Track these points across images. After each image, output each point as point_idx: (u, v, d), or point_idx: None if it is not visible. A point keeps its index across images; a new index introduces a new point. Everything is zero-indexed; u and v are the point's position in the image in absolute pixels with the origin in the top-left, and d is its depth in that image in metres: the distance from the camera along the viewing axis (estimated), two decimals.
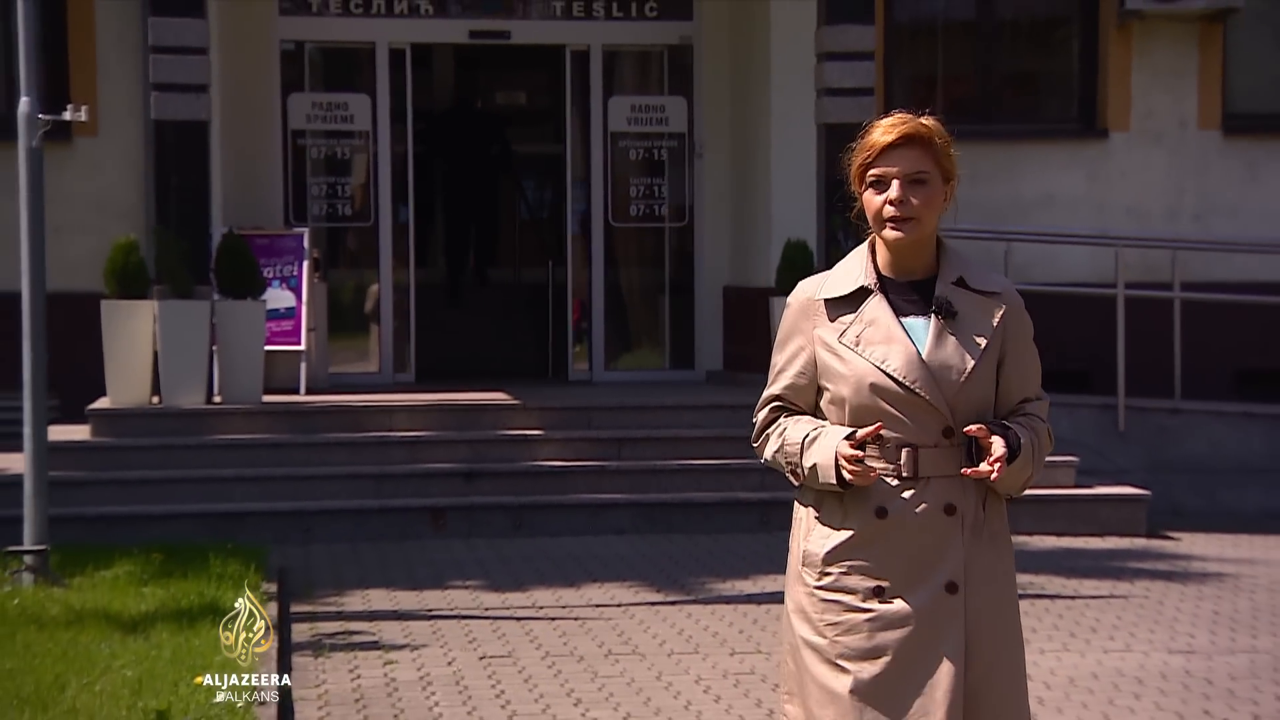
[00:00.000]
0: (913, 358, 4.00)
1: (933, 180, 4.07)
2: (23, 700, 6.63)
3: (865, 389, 4.01)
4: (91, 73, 13.12)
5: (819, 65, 13.00)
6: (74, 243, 12.49)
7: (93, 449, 11.53)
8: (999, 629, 4.07)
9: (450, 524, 11.26)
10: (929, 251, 4.15)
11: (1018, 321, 4.15)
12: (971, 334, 4.05)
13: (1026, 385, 4.19)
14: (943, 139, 4.12)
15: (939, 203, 4.09)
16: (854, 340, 4.05)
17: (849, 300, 4.11)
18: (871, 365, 4.01)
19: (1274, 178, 14.32)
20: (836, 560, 4.05)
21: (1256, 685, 7.59)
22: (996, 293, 4.13)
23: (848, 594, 4.03)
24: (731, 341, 14.21)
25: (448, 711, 7.14)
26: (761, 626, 8.71)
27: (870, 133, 4.14)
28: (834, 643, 4.02)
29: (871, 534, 4.02)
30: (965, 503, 4.04)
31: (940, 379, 4.00)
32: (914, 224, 4.05)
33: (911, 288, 4.11)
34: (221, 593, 8.71)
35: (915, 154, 4.06)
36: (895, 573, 4.00)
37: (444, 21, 14.40)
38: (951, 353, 4.03)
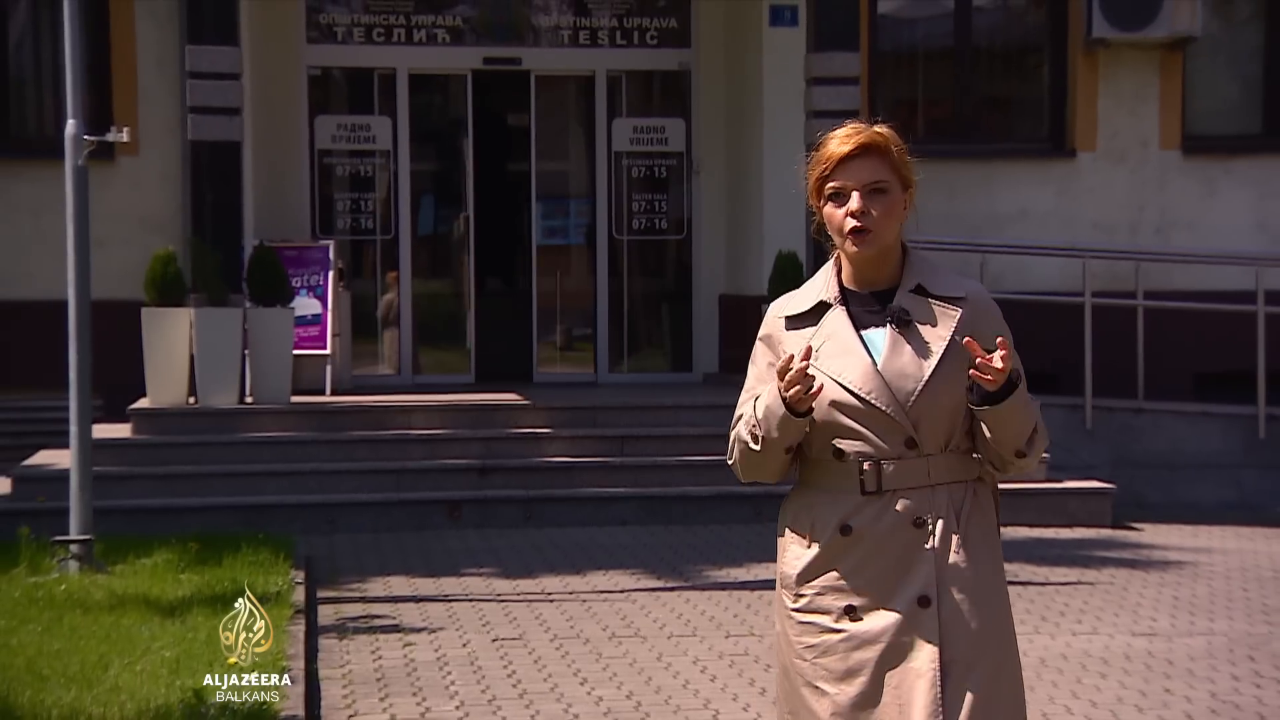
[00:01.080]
0: (868, 369, 3.69)
1: (892, 189, 3.74)
2: (69, 678, 6.64)
3: (824, 403, 3.68)
4: (133, 97, 13.13)
5: (808, 89, 13.01)
6: (116, 254, 12.49)
7: (134, 446, 11.54)
8: (980, 639, 3.69)
9: (465, 515, 11.27)
10: (893, 261, 3.82)
11: (983, 319, 3.76)
12: (928, 340, 3.71)
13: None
14: (898, 146, 3.79)
15: (899, 211, 3.77)
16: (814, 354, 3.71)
17: (810, 315, 3.81)
18: (829, 378, 3.68)
19: (1230, 194, 14.33)
20: (808, 580, 3.75)
21: (1213, 665, 7.60)
22: (959, 297, 3.78)
23: (822, 614, 3.73)
24: (727, 346, 14.20)
25: (463, 690, 7.14)
26: (754, 611, 8.72)
27: (825, 144, 3.80)
28: (813, 665, 3.73)
29: (838, 551, 3.72)
30: (935, 513, 3.70)
31: (897, 389, 3.67)
32: (875, 236, 3.72)
33: (875, 298, 3.79)
34: (253, 579, 8.70)
35: (873, 163, 3.74)
36: (866, 590, 3.70)
37: (459, 49, 14.40)
38: (908, 362, 3.69)
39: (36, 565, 8.95)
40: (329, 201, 14.22)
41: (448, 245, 15.21)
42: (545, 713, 6.78)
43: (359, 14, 14.25)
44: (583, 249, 14.82)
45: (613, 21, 14.49)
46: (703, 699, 7.01)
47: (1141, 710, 6.83)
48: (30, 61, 13.68)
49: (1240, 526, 11.68)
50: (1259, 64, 14.65)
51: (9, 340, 12.83)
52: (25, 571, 8.85)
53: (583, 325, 14.79)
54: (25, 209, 12.99)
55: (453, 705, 6.89)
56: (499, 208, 14.51)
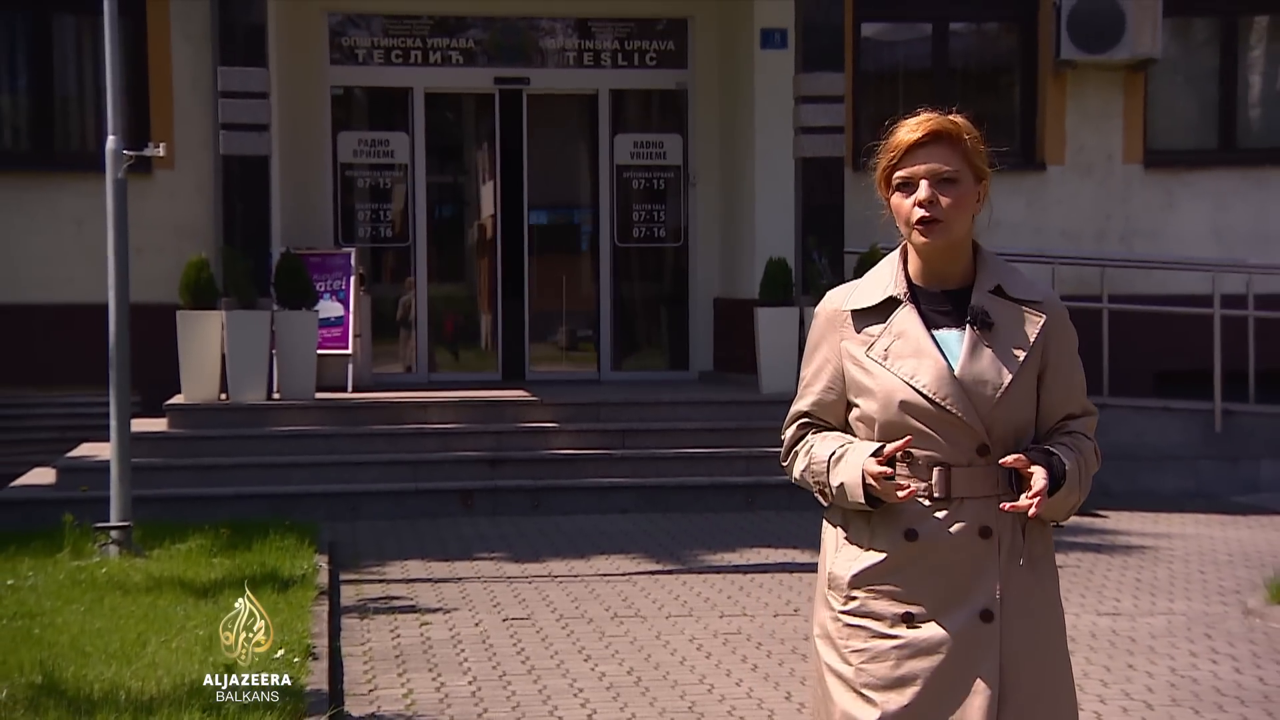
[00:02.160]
0: (944, 373, 3.26)
1: (963, 179, 3.32)
2: (110, 655, 6.64)
3: (894, 406, 3.28)
4: (169, 114, 13.14)
5: (796, 107, 13.02)
6: (153, 261, 12.50)
7: (169, 439, 11.55)
8: (1041, 661, 3.31)
9: (477, 504, 11.27)
10: (964, 258, 3.38)
11: (1060, 332, 3.37)
12: (1009, 346, 3.30)
13: (1070, 400, 3.42)
14: (972, 135, 3.36)
15: (971, 203, 3.34)
16: (882, 354, 3.31)
17: (877, 311, 3.36)
18: (900, 381, 3.28)
19: (1188, 205, 14.34)
20: (863, 584, 3.32)
21: (1173, 642, 7.60)
22: (1038, 301, 3.36)
23: (874, 619, 3.30)
24: (721, 346, 14.22)
25: (475, 666, 7.15)
26: (747, 593, 8.72)
27: (895, 132, 3.37)
28: (859, 670, 3.29)
29: (901, 557, 3.29)
30: (1002, 525, 3.29)
31: (974, 395, 3.25)
32: (944, 227, 3.30)
33: (945, 297, 3.35)
34: (280, 563, 8.72)
35: (943, 152, 3.31)
36: (926, 598, 3.27)
37: (472, 70, 14.41)
38: (987, 367, 3.27)
39: (79, 550, 8.96)
40: (350, 211, 14.24)
41: (461, 252, 15.23)
42: (552, 687, 6.79)
43: (379, 37, 14.27)
44: (587, 255, 14.82)
45: (615, 44, 14.50)
46: (698, 675, 7.01)
47: (1106, 684, 6.83)
48: (74, 82, 13.69)
49: (1198, 514, 11.68)
50: (1215, 84, 14.66)
51: (54, 341, 12.85)
52: (69, 556, 8.86)
53: (586, 327, 14.80)
54: (69, 219, 13.01)
55: (466, 680, 6.90)
56: (509, 217, 14.51)
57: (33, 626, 7.22)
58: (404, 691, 6.70)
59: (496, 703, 6.54)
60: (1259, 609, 8.26)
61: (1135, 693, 6.72)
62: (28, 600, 7.80)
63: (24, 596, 7.90)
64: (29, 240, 13.06)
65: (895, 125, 3.38)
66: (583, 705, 6.51)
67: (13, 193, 13.16)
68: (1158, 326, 13.47)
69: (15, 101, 13.78)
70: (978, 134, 3.38)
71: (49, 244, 13.04)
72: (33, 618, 7.41)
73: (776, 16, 13.27)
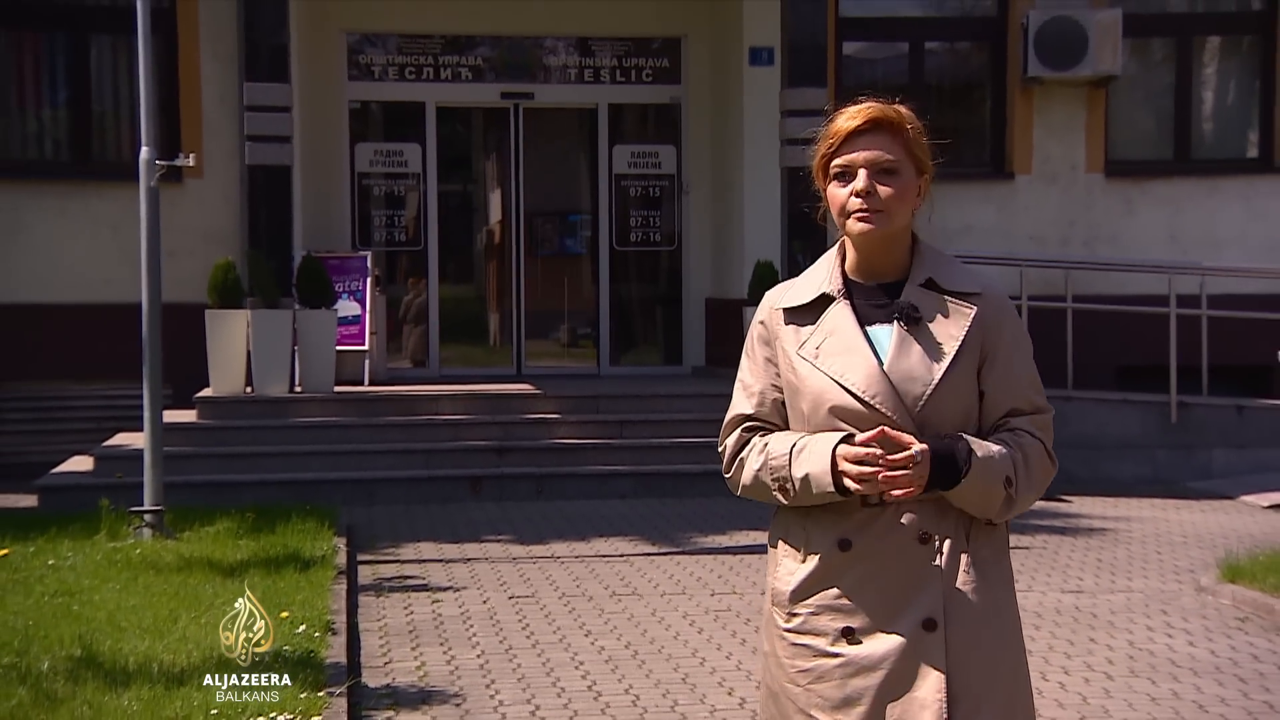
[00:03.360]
0: (873, 370, 2.91)
1: (903, 170, 2.96)
2: (144, 629, 6.65)
3: (824, 406, 2.93)
4: (198, 127, 13.13)
5: (782, 120, 13.02)
6: (183, 263, 12.50)
7: (199, 429, 11.55)
8: (991, 670, 2.95)
9: (485, 490, 11.28)
10: (901, 251, 3.02)
11: (998, 324, 2.99)
12: (939, 340, 2.94)
13: (1012, 395, 3.01)
14: (914, 126, 3.01)
15: (911, 196, 2.97)
16: (813, 352, 2.97)
17: (811, 309, 3.02)
18: (829, 379, 2.93)
19: (1146, 212, 14.35)
20: (802, 598, 2.98)
21: (1131, 618, 7.62)
22: (972, 293, 2.99)
23: (817, 636, 2.96)
24: (712, 343, 14.23)
25: (483, 640, 7.15)
26: (736, 572, 8.73)
27: (834, 120, 3.03)
28: (806, 691, 2.96)
29: (836, 568, 2.94)
30: (943, 529, 2.93)
31: (904, 392, 2.90)
32: (882, 217, 2.94)
33: (881, 292, 3.00)
34: (301, 544, 8.72)
35: (883, 141, 2.96)
36: (866, 611, 2.93)
37: (480, 85, 14.41)
38: (915, 363, 2.91)
39: (115, 532, 8.96)
40: (367, 217, 14.24)
41: (470, 255, 15.23)
42: (554, 660, 6.79)
43: (393, 55, 14.27)
44: (586, 258, 14.82)
45: (613, 61, 14.51)
46: (691, 648, 7.02)
47: (1070, 657, 6.84)
48: (110, 97, 13.68)
49: (1155, 498, 11.69)
50: (1170, 100, 14.67)
51: (91, 337, 12.84)
52: (105, 538, 8.86)
53: (586, 324, 14.80)
54: (105, 224, 13.01)
55: (475, 654, 6.90)
56: (515, 222, 14.52)
57: (72, 603, 7.23)
58: (417, 664, 6.71)
59: (503, 674, 6.55)
60: (1211, 586, 8.27)
61: (1096, 664, 6.73)
62: (67, 579, 7.81)
63: (64, 575, 7.90)
64: (69, 244, 13.06)
65: (835, 112, 3.03)
66: (584, 677, 6.52)
67: (54, 200, 13.16)
68: (1118, 324, 13.49)
69: (56, 115, 13.79)
70: (920, 126, 3.02)
71: (87, 248, 13.05)
72: (72, 595, 7.42)
73: (764, 36, 13.28)
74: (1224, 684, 6.45)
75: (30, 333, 12.94)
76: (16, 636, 6.49)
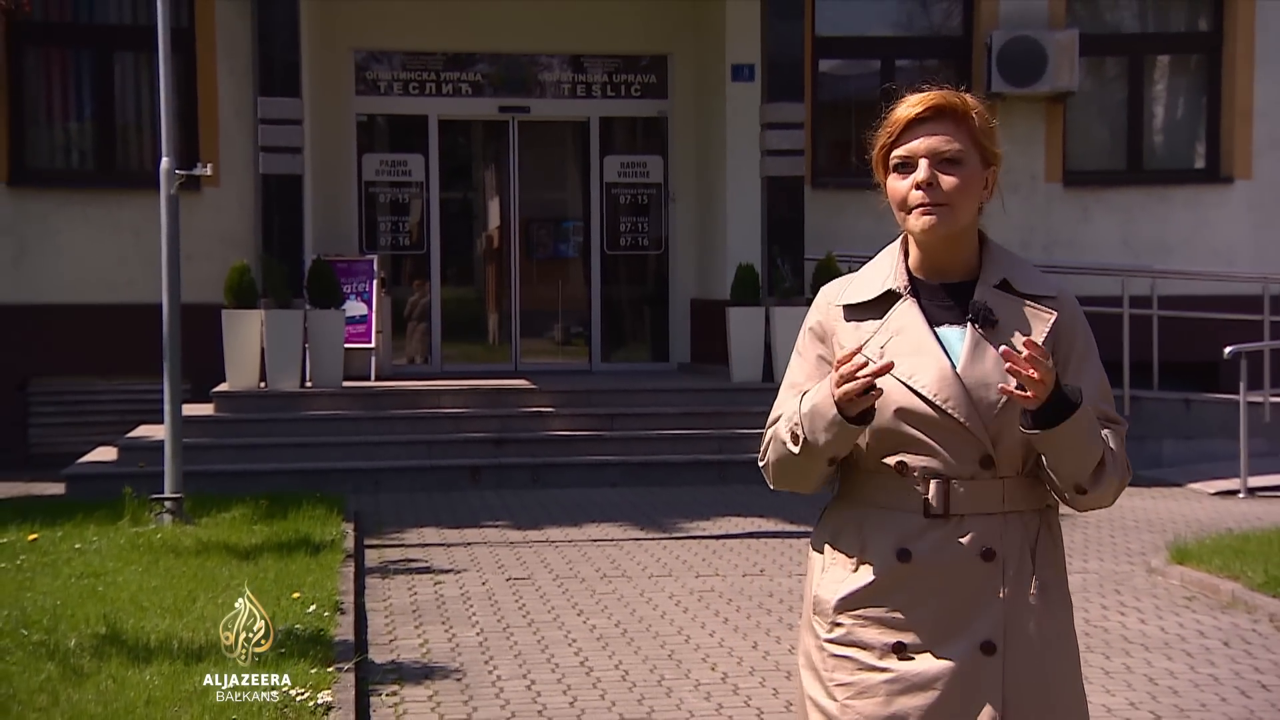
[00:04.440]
0: (946, 373, 2.55)
1: (968, 161, 2.60)
2: (164, 609, 6.65)
3: (889, 409, 2.55)
4: (215, 139, 13.12)
5: (763, 133, 13.02)
6: (201, 266, 12.48)
7: (216, 421, 11.54)
8: (1050, 701, 2.59)
9: (484, 478, 11.28)
10: (969, 249, 2.66)
11: (1073, 331, 2.67)
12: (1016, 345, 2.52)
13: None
14: (981, 113, 2.65)
15: (977, 189, 2.62)
16: (877, 351, 2.59)
17: (875, 306, 2.65)
18: (896, 380, 2.55)
19: (1101, 219, 14.39)
20: (850, 609, 2.60)
21: (1086, 597, 7.63)
22: (1049, 296, 2.67)
23: (862, 649, 2.59)
24: (697, 341, 14.24)
25: (482, 619, 7.16)
26: (719, 556, 8.73)
27: (895, 109, 2.66)
28: (844, 706, 2.58)
29: (892, 580, 2.57)
30: (1007, 547, 2.57)
31: (978, 399, 2.53)
32: (946, 211, 2.58)
33: (947, 292, 2.64)
34: (312, 530, 8.72)
35: (947, 129, 2.60)
36: (920, 627, 2.55)
37: (480, 99, 14.40)
38: (991, 369, 2.54)
39: (137, 518, 8.95)
40: (373, 223, 14.23)
41: (471, 258, 15.22)
42: (549, 638, 6.79)
43: (398, 71, 14.25)
44: (579, 261, 14.82)
45: (604, 77, 14.50)
46: (676, 626, 7.02)
47: None
48: (132, 110, 13.65)
49: None
50: (1124, 114, 14.70)
51: (115, 336, 12.82)
52: (128, 523, 8.85)
53: (579, 324, 14.80)
54: (128, 229, 12.98)
55: (474, 632, 6.90)
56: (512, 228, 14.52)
57: (97, 584, 7.22)
58: (420, 641, 6.71)
59: (501, 651, 6.55)
60: (1160, 568, 8.30)
61: None
62: (93, 562, 7.80)
63: (89, 558, 7.89)
64: (94, 248, 13.05)
65: (896, 102, 2.67)
66: (576, 654, 6.52)
67: (80, 207, 13.14)
68: None
69: (82, 128, 13.76)
70: (988, 113, 2.67)
71: (111, 252, 13.03)
72: (97, 577, 7.41)
73: (745, 53, 13.29)
74: (1172, 658, 6.47)
75: (58, 331, 12.93)
76: (45, 615, 6.49)
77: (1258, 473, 11.37)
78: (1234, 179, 14.45)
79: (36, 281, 12.95)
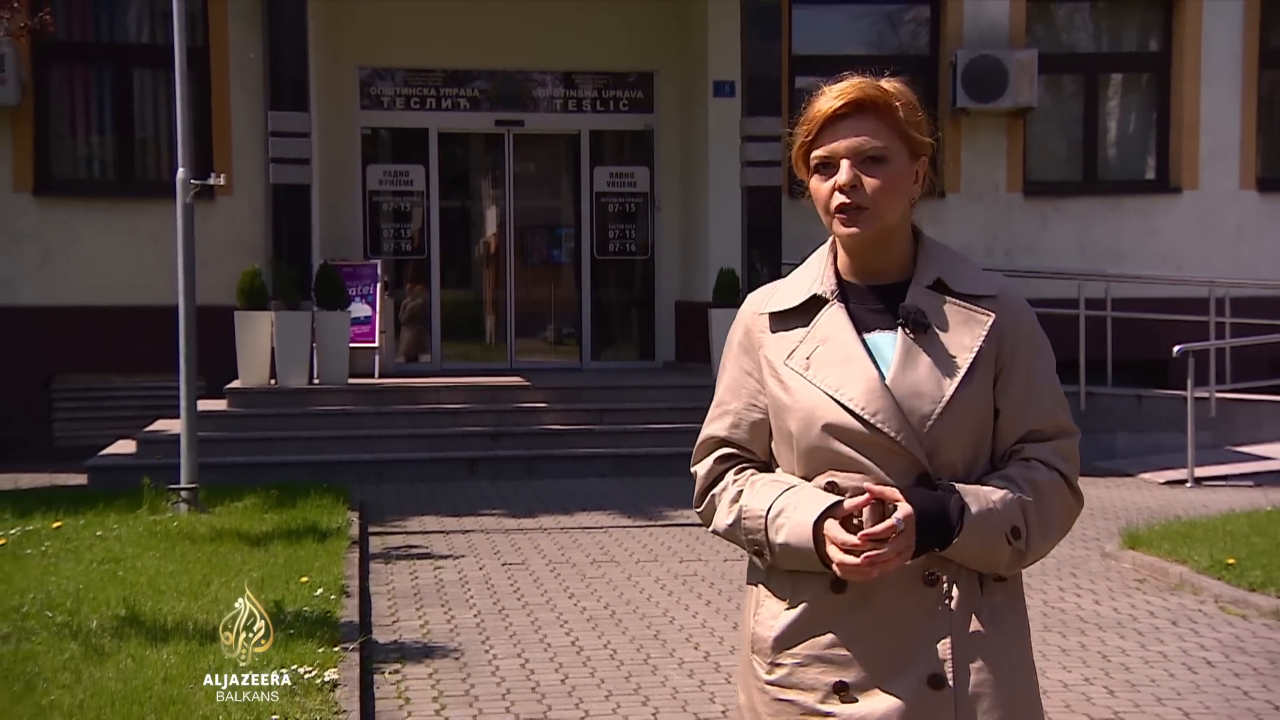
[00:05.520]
0: (874, 385, 2.20)
1: (894, 158, 2.24)
2: (180, 592, 6.64)
3: (816, 426, 2.21)
4: (228, 150, 13.08)
5: (742, 145, 13.02)
6: (215, 270, 12.43)
7: (228, 416, 11.51)
8: None
9: (481, 470, 11.27)
10: (901, 249, 2.30)
11: (1016, 332, 2.27)
12: (950, 351, 2.22)
13: (1029, 414, 2.27)
14: (906, 103, 2.28)
15: (905, 185, 2.26)
16: (803, 362, 2.25)
17: (801, 312, 2.30)
18: (823, 394, 2.21)
19: (1059, 227, 14.42)
20: (788, 646, 2.26)
21: (1044, 580, 7.65)
22: (988, 296, 2.28)
23: (804, 691, 2.24)
24: (681, 341, 14.23)
25: (479, 602, 7.16)
26: (702, 542, 8.73)
27: (814, 101, 2.29)
28: None
29: (828, 612, 2.22)
30: (952, 570, 2.20)
31: (910, 411, 2.18)
32: (869, 215, 2.22)
33: (877, 295, 2.28)
34: (319, 518, 8.70)
35: (869, 125, 2.23)
36: (862, 663, 2.20)
37: (477, 114, 14.38)
38: (924, 377, 2.20)
39: (155, 507, 8.94)
40: (377, 229, 14.19)
41: (469, 263, 15.19)
42: (542, 619, 6.79)
43: (400, 87, 14.22)
44: (570, 266, 14.80)
45: (594, 93, 14.49)
46: (662, 609, 7.03)
47: None
48: (150, 124, 13.61)
49: None
50: (1080, 128, 14.74)
51: (134, 336, 12.78)
52: (147, 512, 8.84)
53: (570, 324, 14.79)
54: (146, 236, 12.94)
55: (471, 614, 6.90)
56: (508, 234, 14.51)
57: (117, 569, 7.21)
58: (421, 623, 6.71)
59: (496, 632, 6.55)
60: (1114, 553, 8.32)
61: None
62: (113, 548, 7.78)
63: (110, 545, 7.88)
64: (114, 254, 13.01)
65: (817, 92, 2.31)
66: (567, 634, 6.52)
67: (100, 215, 13.10)
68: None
69: (103, 140, 13.72)
70: (914, 100, 2.31)
71: (130, 257, 12.98)
72: (117, 562, 7.40)
73: (726, 71, 13.29)
74: (1124, 637, 6.49)
75: (80, 331, 12.89)
76: (69, 598, 6.48)
77: (1203, 464, 11.42)
78: (1182, 189, 14.50)
79: (60, 285, 12.92)
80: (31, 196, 13.03)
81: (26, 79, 12.86)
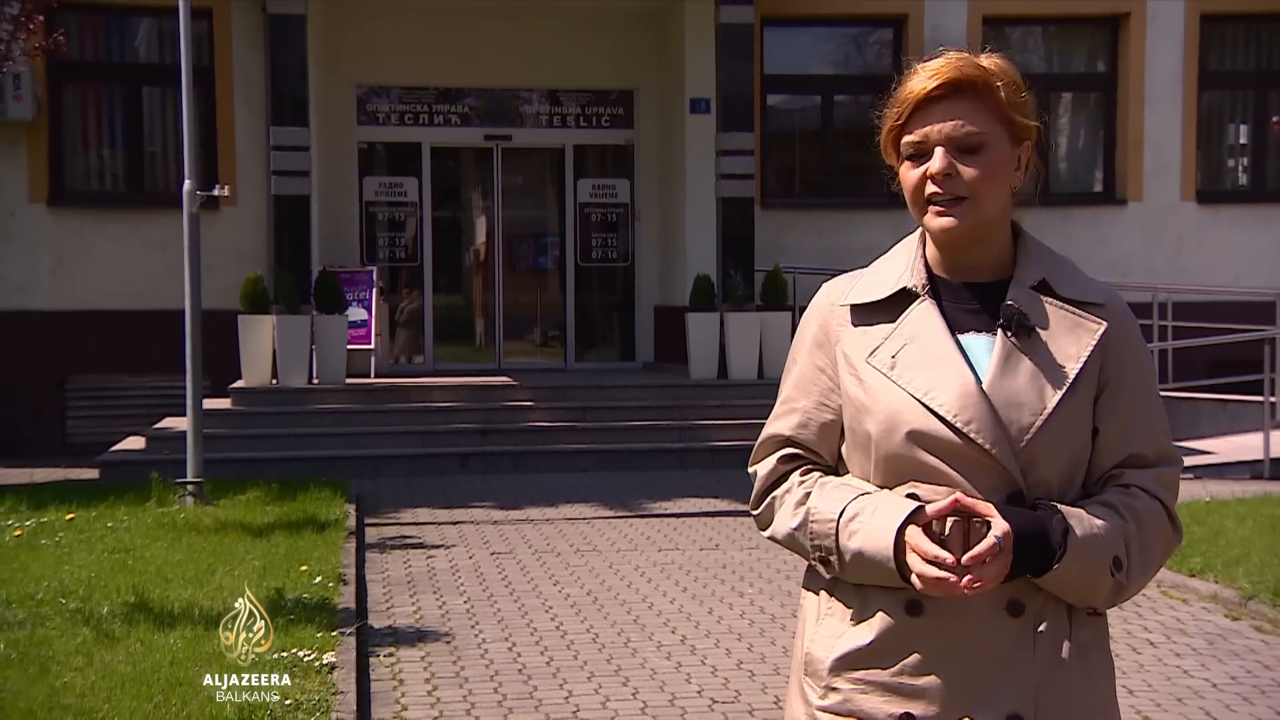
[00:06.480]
0: (969, 390, 1.86)
1: (994, 143, 1.91)
2: (187, 580, 6.62)
3: (899, 431, 1.88)
4: (232, 164, 13.04)
5: (717, 158, 13.05)
6: (219, 277, 12.39)
7: (233, 414, 11.48)
8: None
9: (472, 465, 11.26)
10: (999, 243, 1.98)
11: (1123, 349, 1.94)
12: (1056, 359, 1.89)
13: (1132, 438, 1.92)
14: (1009, 82, 1.93)
15: (1006, 174, 1.94)
16: (887, 361, 1.92)
17: (887, 306, 1.97)
18: (909, 397, 1.88)
19: None
20: (848, 670, 1.91)
21: None
22: (1096, 304, 1.96)
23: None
24: (660, 343, 14.24)
25: (469, 589, 7.15)
26: (679, 532, 8.75)
27: (907, 81, 1.95)
28: None
29: (900, 637, 1.88)
30: (1039, 599, 1.87)
31: (1008, 421, 1.85)
32: (968, 205, 1.91)
33: (973, 293, 1.96)
34: (318, 510, 8.69)
35: (966, 108, 1.91)
36: (933, 695, 1.86)
37: (467, 129, 14.36)
38: (1024, 385, 1.87)
39: (163, 500, 8.91)
40: (373, 238, 14.17)
41: (460, 270, 15.18)
42: (528, 605, 6.79)
43: (395, 104, 14.20)
44: (555, 272, 14.80)
45: (578, 109, 14.49)
46: (641, 595, 7.04)
47: None
48: (158, 139, 13.57)
49: None
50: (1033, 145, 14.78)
51: (143, 338, 12.75)
52: (155, 504, 8.82)
53: (555, 327, 14.78)
54: (154, 244, 12.90)
55: (462, 600, 6.90)
56: (497, 242, 14.51)
57: (127, 559, 7.19)
58: (414, 609, 6.70)
59: (485, 617, 6.55)
60: None
61: None
62: (123, 538, 7.76)
63: (120, 535, 7.85)
64: (124, 261, 12.96)
65: (912, 69, 1.95)
66: (552, 619, 6.53)
67: (111, 224, 13.06)
68: None
69: (113, 154, 13.68)
70: (1018, 79, 1.95)
71: (139, 264, 12.94)
72: (127, 552, 7.38)
73: (702, 89, 13.32)
74: None
75: (92, 334, 12.84)
76: (81, 586, 6.46)
77: None
78: (1127, 201, 14.58)
79: (73, 290, 12.87)
80: (46, 207, 12.98)
81: (41, 96, 12.81)
